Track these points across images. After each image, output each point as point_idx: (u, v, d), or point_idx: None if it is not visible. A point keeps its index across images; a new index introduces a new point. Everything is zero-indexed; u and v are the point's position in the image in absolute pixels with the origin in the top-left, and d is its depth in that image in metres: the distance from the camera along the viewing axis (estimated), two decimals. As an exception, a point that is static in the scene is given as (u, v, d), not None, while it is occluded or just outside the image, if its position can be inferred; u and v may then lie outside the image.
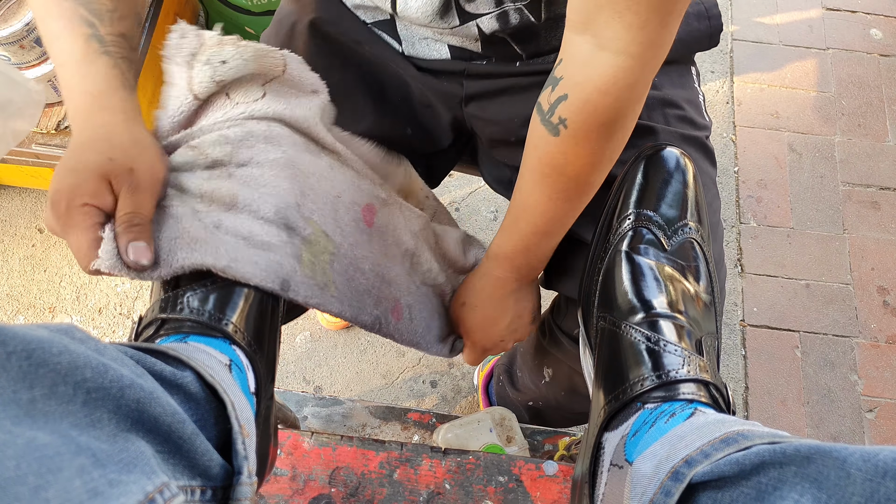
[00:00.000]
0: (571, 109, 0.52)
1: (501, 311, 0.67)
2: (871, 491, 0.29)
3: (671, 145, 0.57)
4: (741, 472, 0.35)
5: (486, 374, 1.29)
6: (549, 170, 0.56)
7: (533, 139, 0.57)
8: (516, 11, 0.62)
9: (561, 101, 0.53)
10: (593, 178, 0.57)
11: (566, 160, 0.55)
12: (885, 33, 1.76)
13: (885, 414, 1.35)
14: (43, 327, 0.31)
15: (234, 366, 0.44)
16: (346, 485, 0.62)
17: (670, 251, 0.54)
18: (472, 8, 0.63)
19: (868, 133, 1.63)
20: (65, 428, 0.29)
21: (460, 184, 1.54)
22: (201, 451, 0.36)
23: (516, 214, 0.61)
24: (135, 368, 0.34)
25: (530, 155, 0.58)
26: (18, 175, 1.35)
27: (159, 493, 0.30)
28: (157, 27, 1.37)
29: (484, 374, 1.30)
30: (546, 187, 0.58)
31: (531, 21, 0.63)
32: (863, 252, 1.50)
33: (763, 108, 1.66)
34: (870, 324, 1.43)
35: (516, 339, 0.70)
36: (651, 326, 0.49)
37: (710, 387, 0.46)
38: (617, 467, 0.44)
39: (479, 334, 0.68)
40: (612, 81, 0.50)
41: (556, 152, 0.55)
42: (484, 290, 0.67)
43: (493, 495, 0.62)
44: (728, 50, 1.73)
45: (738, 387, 1.37)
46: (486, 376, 1.29)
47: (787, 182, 1.57)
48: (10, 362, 0.28)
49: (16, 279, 1.43)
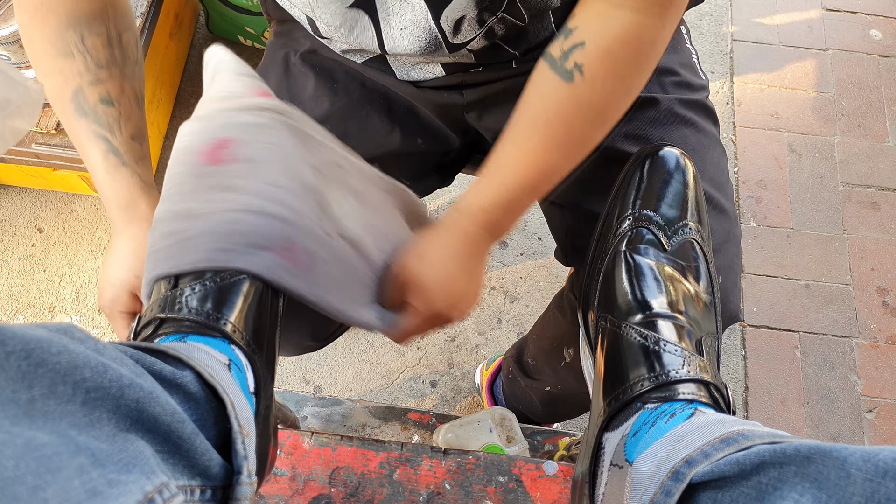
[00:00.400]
0: (590, 56, 0.52)
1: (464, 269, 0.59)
2: (872, 491, 0.29)
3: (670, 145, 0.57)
4: (741, 472, 0.35)
5: (492, 372, 1.29)
6: (554, 118, 0.54)
7: (538, 86, 0.55)
8: (500, 22, 0.62)
9: (577, 47, 0.52)
10: (597, 131, 0.56)
11: (577, 109, 0.54)
12: (884, 34, 1.76)
13: (884, 414, 1.35)
14: (42, 327, 0.31)
15: (234, 365, 0.44)
16: (346, 485, 0.62)
17: (670, 251, 0.54)
18: (460, 39, 0.62)
19: (868, 134, 1.63)
20: (64, 428, 0.29)
21: (460, 184, 1.54)
22: (201, 450, 0.36)
23: (502, 166, 0.57)
24: (134, 368, 0.34)
25: (533, 102, 0.55)
26: (18, 175, 1.35)
27: (158, 493, 0.30)
28: (157, 27, 1.37)
29: (489, 373, 1.30)
30: (547, 138, 0.55)
31: (517, 24, 0.63)
32: (862, 252, 1.50)
33: (763, 108, 1.66)
34: (869, 324, 1.43)
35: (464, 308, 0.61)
36: (651, 326, 0.49)
37: (711, 387, 0.46)
38: (617, 467, 0.44)
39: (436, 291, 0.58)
40: (635, 35, 0.51)
41: (567, 99, 0.53)
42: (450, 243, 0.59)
43: (493, 495, 0.62)
44: (728, 51, 1.73)
45: (738, 387, 1.37)
46: (490, 375, 1.29)
47: (786, 182, 1.57)
48: (8, 362, 0.28)
49: (15, 279, 1.42)
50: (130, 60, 0.61)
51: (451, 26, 0.61)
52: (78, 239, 1.46)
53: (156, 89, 1.44)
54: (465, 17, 0.60)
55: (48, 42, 0.57)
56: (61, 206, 1.48)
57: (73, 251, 1.45)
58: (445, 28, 0.61)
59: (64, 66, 0.58)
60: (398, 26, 0.62)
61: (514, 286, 1.45)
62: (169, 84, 1.53)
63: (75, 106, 0.58)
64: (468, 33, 0.62)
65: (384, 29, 0.62)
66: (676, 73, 0.70)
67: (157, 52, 1.41)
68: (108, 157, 0.58)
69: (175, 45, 1.53)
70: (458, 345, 1.40)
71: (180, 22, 1.55)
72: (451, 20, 0.60)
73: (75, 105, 0.58)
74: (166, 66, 1.49)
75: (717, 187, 0.68)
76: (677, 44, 0.74)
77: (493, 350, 1.40)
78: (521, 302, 1.44)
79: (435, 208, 1.51)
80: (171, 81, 1.54)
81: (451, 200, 1.53)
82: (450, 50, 0.64)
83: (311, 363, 1.38)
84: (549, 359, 0.97)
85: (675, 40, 0.73)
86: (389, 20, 0.62)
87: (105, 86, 0.58)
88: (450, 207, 0.60)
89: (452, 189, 1.54)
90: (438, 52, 0.64)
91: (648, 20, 0.50)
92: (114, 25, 0.60)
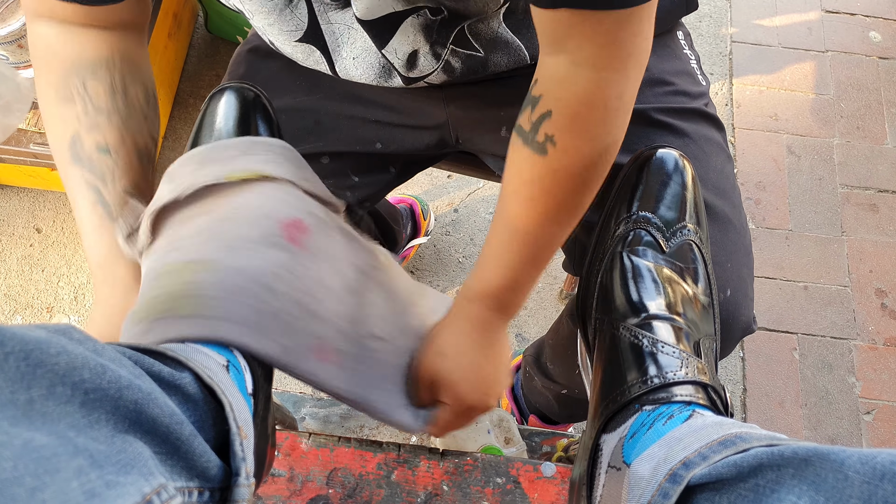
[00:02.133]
0: (559, 125, 0.50)
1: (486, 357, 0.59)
2: (869, 494, 0.29)
3: (669, 147, 0.57)
4: (739, 475, 0.35)
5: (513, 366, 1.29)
6: (538, 193, 0.53)
7: (516, 164, 0.54)
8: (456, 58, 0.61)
9: (545, 118, 0.50)
10: (585, 198, 0.54)
11: (556, 181, 0.52)
12: (883, 36, 1.76)
13: (882, 416, 1.35)
14: (41, 328, 0.31)
15: (232, 366, 0.44)
16: (344, 486, 0.62)
17: (669, 253, 0.54)
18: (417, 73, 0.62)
19: (867, 135, 1.63)
20: (62, 429, 0.29)
21: (459, 185, 1.54)
22: (199, 452, 0.36)
23: (500, 247, 0.56)
24: (133, 369, 0.34)
25: (514, 181, 0.54)
26: (16, 175, 1.35)
27: (157, 495, 0.30)
28: (156, 27, 1.37)
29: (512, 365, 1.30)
30: (535, 213, 0.54)
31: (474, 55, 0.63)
32: (861, 254, 1.50)
33: (762, 110, 1.66)
34: (868, 326, 1.43)
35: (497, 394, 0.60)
36: (649, 328, 0.49)
37: (708, 389, 0.46)
38: (615, 469, 0.44)
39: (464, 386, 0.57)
40: (600, 94, 0.48)
41: (544, 172, 0.52)
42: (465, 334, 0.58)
43: (491, 497, 0.62)
44: (727, 52, 1.73)
45: (736, 389, 1.37)
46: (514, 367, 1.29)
47: (785, 184, 1.57)
48: (7, 363, 0.28)
49: (13, 279, 1.42)
50: (136, 113, 0.58)
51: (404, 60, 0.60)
52: (76, 239, 1.45)
53: (155, 89, 1.44)
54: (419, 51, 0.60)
55: (52, 88, 0.56)
56: (59, 206, 1.48)
57: (71, 251, 1.45)
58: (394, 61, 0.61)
59: (64, 112, 0.55)
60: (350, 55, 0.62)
61: (513, 287, 1.45)
62: (167, 84, 1.53)
63: (72, 153, 0.55)
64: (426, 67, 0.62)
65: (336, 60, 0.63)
66: (670, 82, 0.69)
67: (155, 52, 1.41)
68: (95, 209, 0.55)
69: (174, 45, 1.53)
70: (456, 346, 1.40)
71: (179, 22, 1.55)
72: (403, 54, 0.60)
73: (72, 152, 0.55)
74: (165, 67, 1.49)
75: (721, 195, 0.65)
76: (671, 52, 0.72)
77: (492, 351, 1.40)
78: (519, 303, 1.44)
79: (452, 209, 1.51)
80: (170, 82, 1.54)
81: (450, 202, 1.53)
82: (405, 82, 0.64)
83: (309, 364, 1.38)
84: (564, 363, 0.97)
85: (668, 48, 0.72)
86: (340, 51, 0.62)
87: (103, 133, 0.55)
88: (457, 296, 0.59)
89: (452, 191, 1.54)
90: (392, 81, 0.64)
91: (610, 75, 0.48)
92: (119, 76, 0.57)
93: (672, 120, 0.67)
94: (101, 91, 0.56)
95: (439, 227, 1.48)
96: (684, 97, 0.69)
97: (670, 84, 0.69)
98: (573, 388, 0.99)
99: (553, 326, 1.03)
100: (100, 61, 0.56)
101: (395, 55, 0.60)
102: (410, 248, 1.41)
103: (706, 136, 0.68)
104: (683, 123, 0.68)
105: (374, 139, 0.75)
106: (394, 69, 0.62)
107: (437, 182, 1.54)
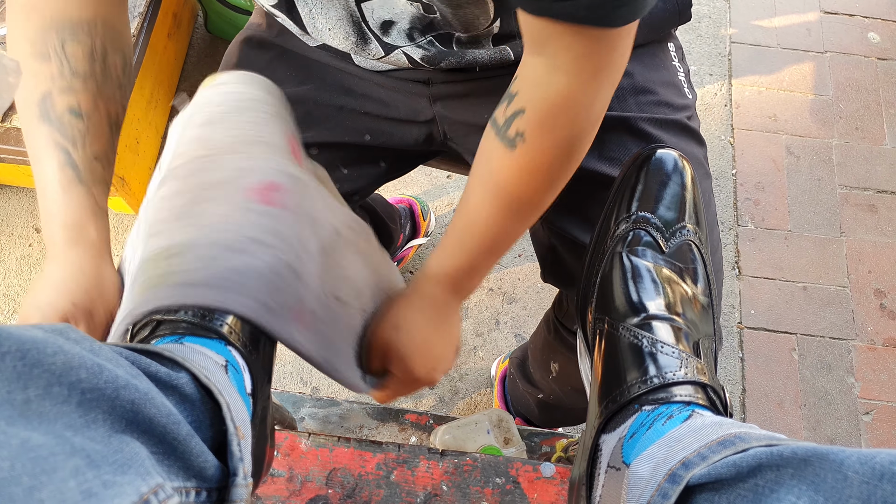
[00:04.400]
0: (530, 123, 0.52)
1: (438, 334, 0.61)
2: (868, 494, 0.29)
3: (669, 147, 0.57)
4: (738, 475, 0.35)
5: (507, 366, 1.29)
6: (502, 185, 0.55)
7: (486, 153, 0.56)
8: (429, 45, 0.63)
9: (518, 115, 0.52)
10: (546, 196, 0.56)
11: (520, 176, 0.54)
12: (882, 37, 1.76)
13: (881, 416, 1.35)
14: (38, 327, 0.31)
15: (231, 367, 0.44)
16: (343, 486, 0.62)
17: (668, 253, 0.54)
18: (390, 40, 0.63)
19: (865, 136, 1.63)
20: (59, 429, 0.29)
21: (459, 185, 1.54)
22: (196, 452, 0.36)
23: (462, 232, 0.59)
24: (130, 369, 0.34)
25: (482, 170, 0.56)
26: (15, 174, 1.35)
27: (154, 495, 0.30)
28: (155, 27, 1.37)
29: (504, 366, 1.30)
30: (497, 204, 0.56)
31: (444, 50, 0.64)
32: (860, 255, 1.50)
33: (761, 111, 1.66)
34: (866, 326, 1.43)
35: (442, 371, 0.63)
36: (648, 328, 0.49)
37: (708, 389, 0.46)
38: (614, 469, 0.44)
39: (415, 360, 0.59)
40: (571, 100, 0.50)
41: (511, 166, 0.54)
42: (422, 311, 0.60)
43: (491, 497, 0.62)
44: (726, 53, 1.74)
45: (735, 389, 1.37)
46: (504, 368, 1.30)
47: (784, 185, 1.57)
48: (4, 363, 0.28)
49: (12, 279, 1.42)
50: (111, 81, 0.57)
51: (378, 23, 0.61)
52: (75, 239, 1.45)
53: (154, 89, 1.44)
54: (396, 24, 0.61)
55: (28, 41, 0.55)
56: (59, 206, 1.48)
57: (70, 251, 1.45)
58: (371, 22, 0.61)
59: (38, 69, 0.54)
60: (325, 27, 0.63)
61: (513, 287, 1.45)
62: (167, 84, 1.53)
63: (41, 111, 0.54)
64: (398, 39, 0.63)
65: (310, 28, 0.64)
66: (654, 91, 0.69)
67: (155, 52, 1.41)
68: (64, 170, 0.53)
69: (173, 45, 1.53)
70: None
71: (178, 22, 1.55)
72: (378, 18, 0.60)
73: (41, 110, 0.54)
74: (164, 66, 1.49)
75: None
76: (660, 62, 0.72)
77: (491, 352, 1.40)
78: (518, 303, 1.44)
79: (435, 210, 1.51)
80: (169, 81, 1.54)
81: (449, 203, 1.53)
82: (384, 49, 0.64)
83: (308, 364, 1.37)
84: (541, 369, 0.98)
85: (657, 59, 0.72)
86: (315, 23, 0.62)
87: (77, 96, 0.54)
88: (416, 273, 0.62)
89: (451, 191, 1.54)
90: (370, 48, 0.65)
91: (582, 85, 0.50)
92: (100, 41, 0.56)
93: (653, 130, 0.68)
94: (81, 55, 0.55)
95: (439, 228, 1.48)
96: (667, 108, 0.69)
97: (654, 93, 0.69)
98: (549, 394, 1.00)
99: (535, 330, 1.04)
100: (82, 23, 0.55)
101: (371, 14, 0.60)
102: (410, 248, 1.41)
103: (685, 150, 0.68)
104: (663, 135, 0.68)
105: (363, 130, 0.76)
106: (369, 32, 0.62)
107: (437, 182, 1.54)
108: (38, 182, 0.54)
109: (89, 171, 0.54)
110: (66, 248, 0.53)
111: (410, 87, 0.73)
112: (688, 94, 0.73)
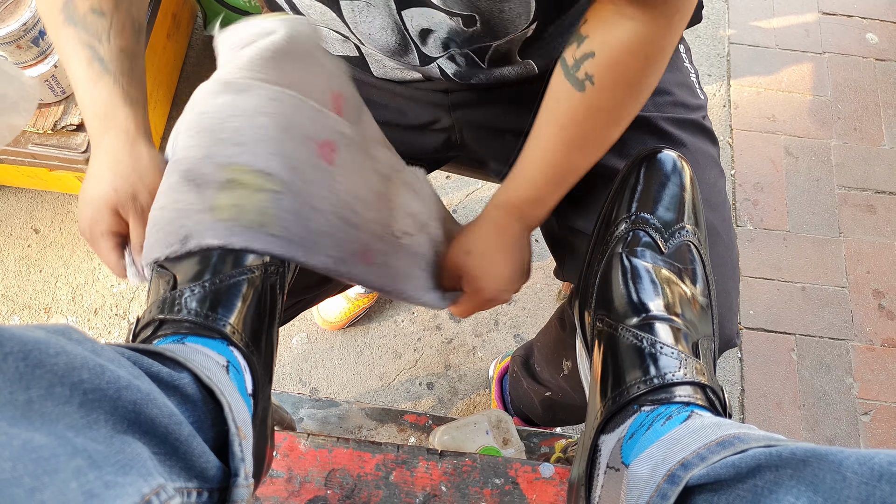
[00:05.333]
0: (600, 67, 0.54)
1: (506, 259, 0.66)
2: (867, 494, 0.29)
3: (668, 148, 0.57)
4: (737, 476, 0.35)
5: (504, 367, 1.29)
6: (569, 122, 0.57)
7: (555, 92, 0.58)
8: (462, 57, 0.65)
9: (588, 57, 0.54)
10: (613, 132, 0.59)
11: (588, 115, 0.57)
12: (880, 38, 1.76)
13: (880, 417, 1.35)
14: (39, 328, 0.31)
15: (232, 367, 0.44)
16: (342, 487, 0.62)
17: (667, 254, 0.54)
18: (427, 50, 0.64)
19: (864, 137, 1.63)
20: (61, 429, 0.29)
21: (458, 185, 1.54)
22: (198, 452, 0.36)
23: (529, 164, 0.62)
24: (132, 370, 0.34)
25: (551, 108, 0.59)
26: (14, 175, 1.35)
27: (155, 495, 0.30)
28: (154, 27, 1.37)
29: (501, 367, 1.30)
30: (565, 139, 0.58)
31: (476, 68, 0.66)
32: (858, 255, 1.50)
33: (760, 111, 1.66)
34: (865, 327, 1.43)
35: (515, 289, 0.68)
36: (647, 329, 0.49)
37: (707, 389, 0.46)
38: (613, 470, 0.44)
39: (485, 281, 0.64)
40: (641, 45, 0.52)
41: (579, 107, 0.56)
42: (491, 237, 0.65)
43: (490, 497, 0.62)
44: (725, 54, 1.74)
45: (734, 389, 1.37)
46: (502, 369, 1.30)
47: (783, 185, 1.58)
48: (6, 363, 0.28)
49: (11, 279, 1.42)
50: None
51: (417, 31, 0.62)
52: (74, 240, 1.45)
53: (153, 90, 1.44)
54: (434, 33, 0.62)
55: None
56: (57, 206, 1.47)
57: (69, 252, 1.44)
58: (410, 29, 0.62)
59: None
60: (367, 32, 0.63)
61: (511, 288, 1.45)
62: (166, 85, 1.52)
63: (65, 14, 0.56)
64: (434, 50, 0.64)
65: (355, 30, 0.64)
66: (670, 92, 0.71)
67: (154, 53, 1.41)
68: (91, 65, 0.55)
69: (173, 45, 1.53)
70: (454, 346, 1.40)
71: (178, 23, 1.55)
72: (417, 26, 0.61)
73: (65, 13, 0.56)
74: (164, 67, 1.49)
75: (712, 208, 0.67)
76: (674, 63, 0.73)
77: (490, 352, 1.40)
78: (518, 304, 1.44)
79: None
80: (169, 82, 1.54)
81: (449, 203, 1.53)
82: (421, 60, 0.65)
83: (307, 365, 1.38)
84: (550, 367, 0.97)
85: (672, 59, 0.73)
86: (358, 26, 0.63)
87: None
88: (487, 204, 0.66)
89: (450, 191, 1.54)
90: (409, 57, 0.65)
91: (656, 30, 0.52)
92: None
93: (672, 129, 0.69)
94: None
95: (438, 228, 1.48)
96: (683, 108, 0.71)
97: (671, 94, 0.71)
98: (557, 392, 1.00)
99: (543, 328, 1.04)
100: None
101: (410, 22, 0.61)
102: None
103: (702, 149, 0.70)
104: (682, 134, 0.69)
105: None
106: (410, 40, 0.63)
107: (437, 182, 1.55)
108: (73, 82, 0.57)
109: (115, 62, 0.56)
110: (101, 138, 0.56)
111: (430, 97, 0.74)
112: (700, 95, 0.75)
